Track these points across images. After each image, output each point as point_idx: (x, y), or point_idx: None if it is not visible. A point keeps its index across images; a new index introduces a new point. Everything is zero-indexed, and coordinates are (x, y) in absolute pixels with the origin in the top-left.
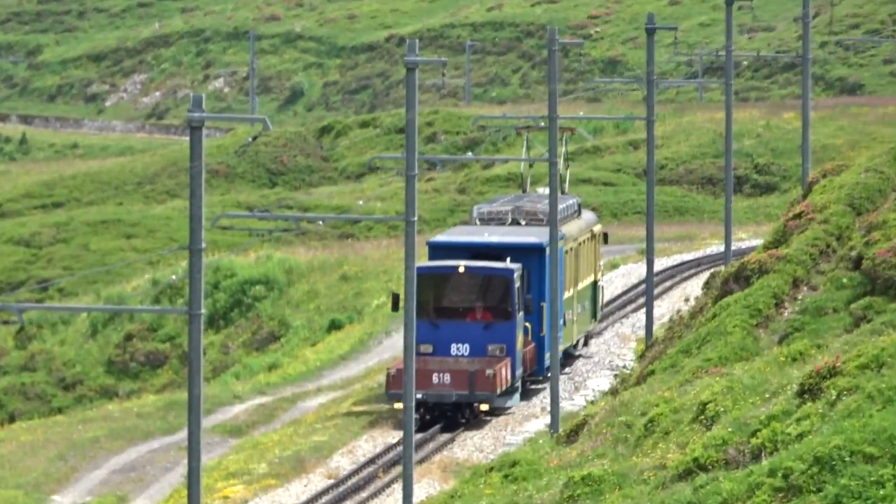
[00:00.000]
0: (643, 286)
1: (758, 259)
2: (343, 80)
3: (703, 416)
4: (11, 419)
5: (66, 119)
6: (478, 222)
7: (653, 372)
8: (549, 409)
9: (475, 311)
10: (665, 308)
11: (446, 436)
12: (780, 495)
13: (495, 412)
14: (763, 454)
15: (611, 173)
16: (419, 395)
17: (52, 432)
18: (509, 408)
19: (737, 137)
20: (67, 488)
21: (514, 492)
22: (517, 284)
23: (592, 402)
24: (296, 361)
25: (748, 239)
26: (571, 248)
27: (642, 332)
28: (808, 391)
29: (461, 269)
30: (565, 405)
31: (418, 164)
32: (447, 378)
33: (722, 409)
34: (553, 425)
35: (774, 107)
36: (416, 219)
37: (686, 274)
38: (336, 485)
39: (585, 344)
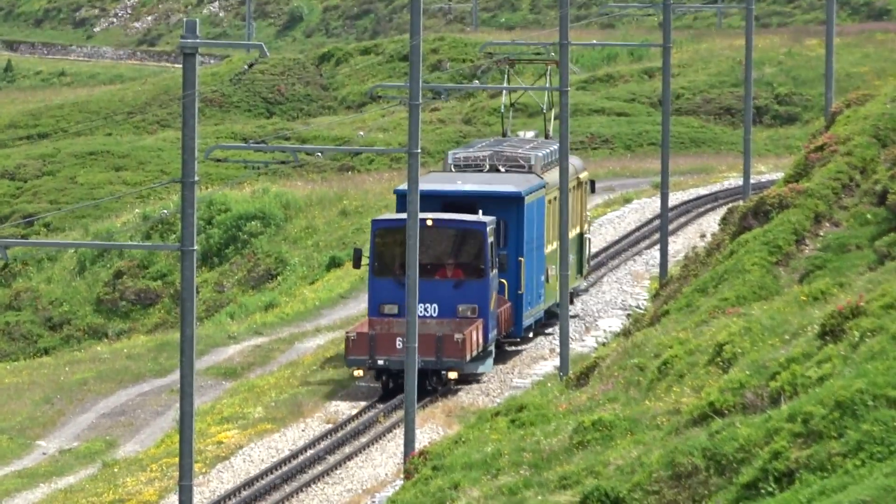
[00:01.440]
0: (657, 222)
1: (778, 193)
2: (344, 5)
3: (719, 359)
4: None
5: (53, 45)
6: (453, 169)
7: (667, 312)
8: (557, 350)
9: (445, 268)
10: (680, 245)
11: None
12: (800, 441)
13: (466, 380)
14: (782, 398)
15: (625, 103)
16: (381, 362)
17: (38, 374)
18: (481, 374)
19: (757, 65)
20: (53, 433)
21: (522, 437)
22: (490, 239)
23: (604, 344)
24: (293, 300)
25: (768, 172)
26: (554, 198)
27: (656, 270)
28: (829, 332)
29: (429, 223)
30: (575, 347)
31: (422, 93)
32: None
33: (739, 351)
34: (562, 368)
35: (797, 33)
36: (419, 151)
37: (702, 209)
38: (335, 430)
39: (571, 302)
